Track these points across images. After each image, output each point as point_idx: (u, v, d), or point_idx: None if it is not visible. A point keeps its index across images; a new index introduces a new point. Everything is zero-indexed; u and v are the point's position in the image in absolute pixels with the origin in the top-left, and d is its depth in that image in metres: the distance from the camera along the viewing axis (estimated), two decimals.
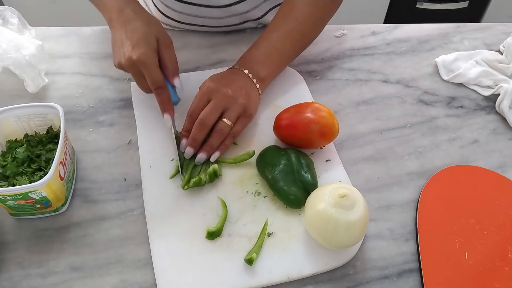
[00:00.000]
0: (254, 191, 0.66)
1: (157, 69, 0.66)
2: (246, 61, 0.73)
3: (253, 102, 0.69)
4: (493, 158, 0.72)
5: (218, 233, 0.61)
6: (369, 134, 0.74)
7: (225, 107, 0.66)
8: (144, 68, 0.65)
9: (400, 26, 0.92)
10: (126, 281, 0.58)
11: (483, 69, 0.81)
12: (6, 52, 0.74)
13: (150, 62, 0.65)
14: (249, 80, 0.70)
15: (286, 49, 0.75)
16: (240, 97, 0.67)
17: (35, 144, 0.65)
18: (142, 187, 0.65)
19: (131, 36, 0.66)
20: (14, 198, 0.57)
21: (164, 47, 0.68)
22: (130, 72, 0.67)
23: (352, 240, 0.57)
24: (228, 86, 0.67)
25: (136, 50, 0.64)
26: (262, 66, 0.72)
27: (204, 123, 0.65)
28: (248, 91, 0.69)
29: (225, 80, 0.68)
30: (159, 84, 0.66)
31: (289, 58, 0.77)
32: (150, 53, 0.65)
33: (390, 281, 0.59)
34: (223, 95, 0.66)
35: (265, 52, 0.73)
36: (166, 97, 0.68)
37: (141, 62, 0.65)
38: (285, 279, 0.58)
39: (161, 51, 0.67)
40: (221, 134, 0.66)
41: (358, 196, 0.57)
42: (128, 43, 0.65)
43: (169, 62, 0.68)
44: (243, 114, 0.68)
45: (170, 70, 0.68)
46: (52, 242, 0.61)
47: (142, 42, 0.65)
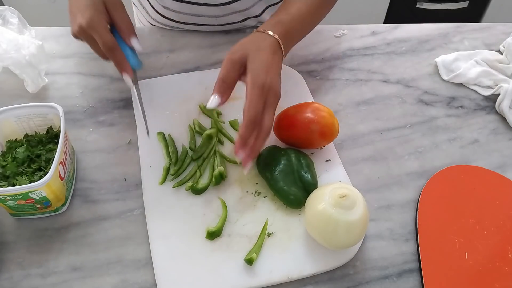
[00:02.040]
0: (254, 191, 0.66)
1: (106, 31, 0.65)
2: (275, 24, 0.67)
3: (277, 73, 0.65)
4: (493, 158, 0.72)
5: (218, 233, 0.61)
6: (369, 134, 0.74)
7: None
8: (93, 32, 0.64)
9: (400, 26, 0.92)
10: (126, 281, 0.58)
11: (483, 69, 0.81)
12: (6, 52, 0.74)
13: (97, 25, 0.64)
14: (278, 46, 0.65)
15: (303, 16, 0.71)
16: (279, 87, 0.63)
17: (35, 144, 0.65)
18: (142, 187, 0.65)
19: (79, 4, 0.65)
20: (14, 198, 0.57)
21: (113, 9, 0.66)
22: (84, 40, 0.66)
23: (352, 240, 0.57)
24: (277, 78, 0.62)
25: (84, 16, 0.64)
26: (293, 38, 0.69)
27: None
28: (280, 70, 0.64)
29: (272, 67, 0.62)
30: (109, 45, 0.65)
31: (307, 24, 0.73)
32: (96, 16, 0.64)
33: (390, 281, 0.59)
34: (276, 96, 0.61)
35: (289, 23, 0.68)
36: (120, 57, 0.66)
37: (89, 27, 0.64)
38: (285, 279, 0.58)
39: (111, 14, 0.66)
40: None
41: (358, 196, 0.57)
42: (77, 11, 0.65)
43: (122, 22, 0.67)
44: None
45: (125, 31, 0.67)
46: (52, 242, 0.61)
47: (88, 8, 0.64)
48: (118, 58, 0.66)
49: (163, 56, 0.84)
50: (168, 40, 0.87)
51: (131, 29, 0.67)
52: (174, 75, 0.80)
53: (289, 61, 0.82)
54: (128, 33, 0.67)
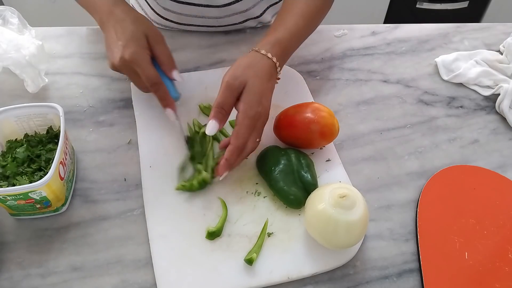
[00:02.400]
0: (254, 191, 0.66)
1: (150, 66, 0.65)
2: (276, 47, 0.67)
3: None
4: (493, 158, 0.72)
5: (218, 233, 0.61)
6: (369, 134, 0.74)
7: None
8: (137, 66, 0.65)
9: (400, 26, 0.92)
10: (126, 281, 0.58)
11: (483, 69, 0.81)
12: (6, 52, 0.74)
13: (141, 59, 0.65)
14: (274, 70, 0.66)
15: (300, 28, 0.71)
16: (269, 109, 0.64)
17: (35, 144, 0.65)
18: (142, 187, 0.65)
19: (121, 36, 0.66)
20: (14, 198, 0.57)
21: (155, 43, 0.67)
22: (125, 73, 0.67)
23: (352, 240, 0.57)
24: (268, 103, 0.64)
25: (126, 50, 0.64)
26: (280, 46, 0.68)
27: (249, 153, 0.63)
28: (272, 92, 0.66)
29: (265, 94, 0.64)
30: (154, 80, 0.65)
31: (303, 35, 0.74)
32: (140, 50, 0.65)
33: (390, 281, 0.59)
34: (265, 120, 0.63)
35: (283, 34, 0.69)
36: (164, 92, 0.67)
37: (132, 61, 0.64)
38: (285, 279, 0.58)
39: (153, 48, 0.67)
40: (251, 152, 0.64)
41: (358, 196, 0.57)
42: (118, 44, 0.65)
43: (163, 56, 0.68)
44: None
45: (166, 64, 0.68)
46: (52, 242, 0.61)
47: (131, 41, 0.65)
48: (162, 92, 0.67)
49: None
50: (168, 40, 0.86)
51: (172, 62, 0.69)
52: None
53: (289, 61, 0.82)
54: (170, 66, 0.68)
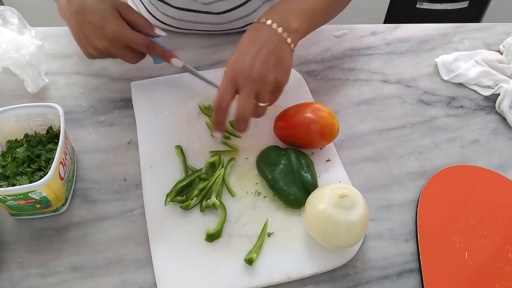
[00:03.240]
0: (254, 191, 0.65)
1: (134, 33, 0.65)
2: (276, 12, 0.65)
3: (285, 67, 0.63)
4: (493, 158, 0.72)
5: (218, 235, 0.60)
6: (369, 134, 0.74)
7: (256, 91, 0.60)
8: (125, 38, 0.64)
9: (400, 26, 0.92)
10: (126, 281, 0.58)
11: (483, 69, 0.81)
12: (6, 52, 0.74)
13: (125, 31, 0.64)
14: (277, 37, 0.62)
15: (319, 5, 0.68)
16: (268, 73, 0.60)
17: (35, 144, 0.65)
18: (142, 187, 0.65)
19: (92, 17, 0.64)
20: (14, 198, 0.57)
21: (127, 11, 0.66)
22: (112, 51, 0.66)
23: (352, 240, 0.57)
24: (255, 64, 0.60)
25: (107, 28, 0.63)
26: (294, 18, 0.64)
27: (244, 117, 0.61)
28: (278, 55, 0.62)
29: (249, 56, 0.61)
30: (146, 41, 0.66)
31: (321, 17, 0.70)
32: (120, 23, 0.64)
33: (390, 281, 0.59)
34: (252, 81, 0.60)
35: (298, 5, 0.66)
36: (161, 48, 0.68)
37: (118, 36, 0.64)
38: (285, 279, 0.58)
39: (126, 17, 0.66)
40: (258, 116, 0.63)
41: (358, 196, 0.57)
42: (94, 27, 0.64)
43: (140, 21, 0.67)
44: (277, 86, 0.62)
45: (146, 26, 0.67)
46: (52, 242, 0.61)
47: (107, 18, 0.64)
48: (160, 50, 0.68)
49: None
50: (168, 40, 0.86)
51: (149, 22, 0.69)
52: (174, 75, 0.80)
53: None
54: (149, 26, 0.68)
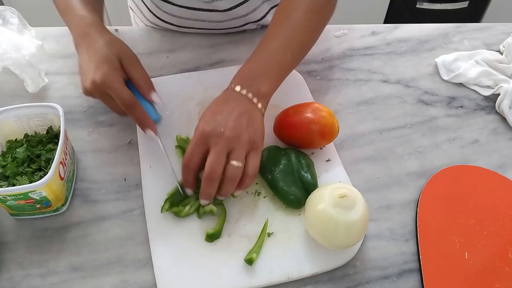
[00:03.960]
0: (254, 191, 0.65)
1: (123, 87, 0.62)
2: (244, 77, 0.64)
3: (258, 129, 0.61)
4: (493, 158, 0.72)
5: (217, 235, 0.60)
6: (369, 134, 0.74)
7: (228, 149, 0.58)
8: (109, 89, 0.62)
9: (400, 26, 0.92)
10: (126, 281, 0.58)
11: (483, 69, 0.81)
12: (6, 52, 0.74)
13: (113, 81, 0.62)
14: (248, 103, 0.62)
15: (286, 59, 0.67)
16: (242, 131, 0.59)
17: (35, 144, 0.65)
18: (142, 187, 0.65)
19: (93, 58, 0.63)
20: (14, 198, 0.57)
21: (130, 65, 0.65)
22: (98, 96, 0.64)
23: (352, 240, 0.57)
24: (226, 124, 0.59)
25: (98, 72, 0.61)
26: (262, 81, 0.64)
27: (212, 177, 0.58)
28: (250, 117, 0.61)
29: (221, 115, 0.60)
30: (128, 101, 0.62)
31: (289, 69, 0.70)
32: (112, 72, 0.62)
33: (390, 281, 0.59)
34: (223, 139, 0.58)
35: (265, 65, 0.65)
36: (141, 114, 0.64)
37: (104, 83, 0.61)
38: (285, 279, 0.58)
39: (128, 70, 0.64)
40: (234, 180, 0.59)
41: (358, 196, 0.57)
42: (90, 66, 0.63)
43: (140, 78, 0.65)
44: (252, 147, 0.60)
45: (144, 87, 0.65)
46: (52, 242, 0.61)
47: (103, 63, 0.62)
48: (138, 114, 0.64)
49: (163, 56, 0.84)
50: (168, 40, 0.87)
51: (150, 83, 0.66)
52: (174, 75, 0.80)
53: None
54: (148, 87, 0.65)
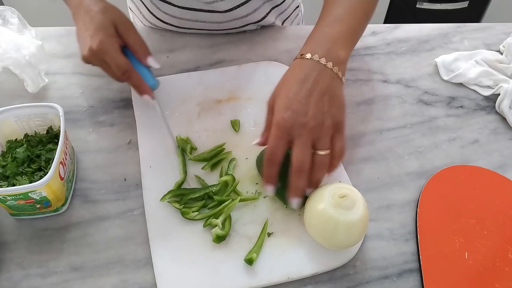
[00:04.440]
0: (254, 191, 0.65)
1: (119, 53, 0.64)
2: (320, 43, 0.60)
3: (340, 105, 0.58)
4: (493, 158, 0.72)
5: (225, 237, 0.60)
6: (369, 134, 0.74)
7: (313, 139, 0.56)
8: (105, 55, 0.63)
9: (400, 26, 0.92)
10: (126, 281, 0.58)
11: (483, 69, 0.81)
12: (6, 52, 0.74)
13: (109, 48, 0.63)
14: (328, 73, 0.58)
15: (355, 24, 0.64)
16: (325, 116, 0.56)
17: (35, 144, 0.65)
18: (142, 187, 0.65)
19: (89, 26, 0.64)
20: (14, 198, 0.57)
21: (126, 30, 0.66)
22: (95, 63, 0.66)
23: (352, 240, 0.57)
24: (307, 111, 0.55)
25: (94, 40, 0.63)
26: (339, 46, 0.60)
27: (302, 170, 0.56)
28: (332, 94, 0.57)
29: (300, 100, 0.56)
30: (124, 67, 0.64)
31: (358, 35, 0.67)
32: (107, 39, 0.63)
33: (390, 281, 0.59)
34: (307, 130, 0.55)
35: (338, 30, 0.62)
36: (137, 80, 0.65)
37: (100, 50, 0.63)
38: (285, 279, 0.58)
39: (124, 36, 0.65)
40: (323, 168, 0.57)
41: (358, 196, 0.57)
42: (86, 35, 0.64)
43: (136, 43, 0.66)
44: (336, 129, 0.58)
45: (140, 52, 0.66)
46: (52, 242, 0.61)
47: (98, 30, 0.63)
48: (135, 80, 0.65)
49: (163, 56, 0.84)
50: (168, 40, 0.87)
51: (146, 48, 0.67)
52: (174, 75, 0.80)
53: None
54: (144, 53, 0.66)
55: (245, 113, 0.74)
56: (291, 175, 0.57)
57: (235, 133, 0.72)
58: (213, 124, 0.73)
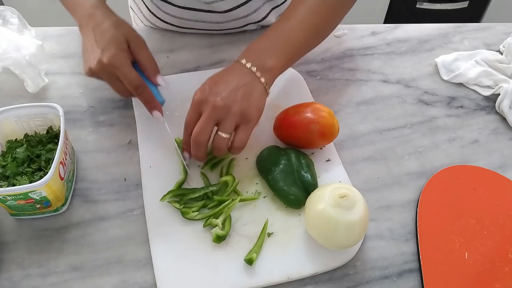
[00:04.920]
0: (254, 191, 0.65)
1: (131, 69, 0.63)
2: (251, 52, 0.65)
3: (254, 103, 0.62)
4: (493, 158, 0.72)
5: (225, 237, 0.60)
6: (369, 134, 0.74)
7: (218, 119, 0.60)
8: (117, 70, 0.63)
9: (400, 26, 0.92)
10: (126, 281, 0.58)
11: (483, 69, 0.81)
12: (6, 52, 0.74)
13: (122, 63, 0.63)
14: (250, 76, 0.62)
15: (298, 38, 0.67)
16: (234, 103, 0.60)
17: (35, 144, 0.65)
18: (142, 187, 0.65)
19: (100, 39, 0.64)
20: (14, 198, 0.57)
21: (137, 47, 0.65)
22: (103, 77, 0.65)
23: (352, 240, 0.57)
24: (219, 93, 0.60)
25: (105, 53, 0.62)
26: (269, 55, 0.64)
27: (198, 141, 0.61)
28: (248, 91, 0.61)
29: (219, 84, 0.62)
30: (137, 82, 0.63)
31: (301, 49, 0.69)
32: (120, 54, 0.63)
33: (390, 281, 0.59)
34: (213, 107, 0.60)
35: (274, 41, 0.66)
36: (149, 95, 0.65)
37: (112, 64, 0.62)
38: (285, 279, 0.58)
39: (134, 53, 0.65)
40: (219, 149, 0.61)
41: (358, 196, 0.57)
42: (96, 47, 0.63)
43: (146, 61, 0.66)
44: (243, 121, 0.61)
45: (150, 69, 0.66)
46: (52, 242, 0.61)
47: (111, 44, 0.63)
48: (146, 96, 0.65)
49: (163, 56, 0.84)
50: (168, 40, 0.87)
51: (156, 66, 0.67)
52: (174, 75, 0.80)
53: None
54: (154, 71, 0.66)
55: None
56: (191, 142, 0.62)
57: None
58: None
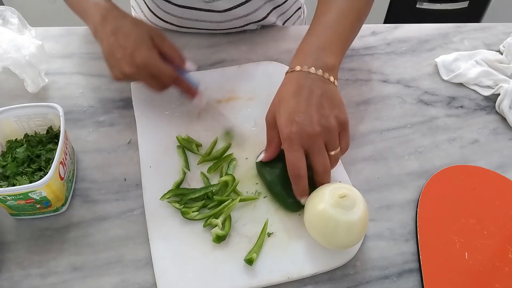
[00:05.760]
0: (254, 191, 0.65)
1: (164, 64, 0.66)
2: (307, 54, 0.62)
3: (340, 105, 0.60)
4: (493, 158, 0.72)
5: (226, 237, 0.60)
6: (369, 134, 0.74)
7: (325, 142, 0.58)
8: (153, 69, 0.65)
9: (400, 26, 0.92)
10: (126, 281, 0.58)
11: (483, 69, 0.81)
12: (6, 52, 0.74)
13: (155, 61, 0.65)
14: (321, 81, 0.60)
15: (345, 29, 0.66)
16: (329, 119, 0.58)
17: (35, 144, 0.65)
18: (142, 187, 0.65)
19: (125, 42, 0.64)
20: (14, 198, 0.57)
21: (161, 41, 0.67)
22: (140, 78, 0.67)
23: (352, 240, 0.57)
24: (311, 120, 0.57)
25: (137, 55, 0.64)
26: (327, 54, 0.62)
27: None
28: (329, 96, 0.59)
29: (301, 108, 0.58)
30: (174, 75, 0.66)
31: (350, 39, 0.68)
32: (151, 52, 0.65)
33: (390, 281, 0.59)
34: (317, 137, 0.57)
35: (325, 37, 0.64)
36: (187, 84, 0.68)
37: (147, 64, 0.64)
38: (285, 279, 0.58)
39: (160, 46, 0.67)
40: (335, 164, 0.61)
41: (358, 196, 0.57)
42: (125, 51, 0.64)
43: (173, 52, 0.68)
44: (342, 128, 0.60)
45: (178, 59, 0.68)
46: (52, 242, 0.61)
47: (139, 45, 0.64)
48: (185, 85, 0.68)
49: None
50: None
51: (181, 54, 0.69)
52: None
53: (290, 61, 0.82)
54: (181, 59, 0.68)
55: (245, 113, 0.74)
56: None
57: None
58: (213, 124, 0.73)
